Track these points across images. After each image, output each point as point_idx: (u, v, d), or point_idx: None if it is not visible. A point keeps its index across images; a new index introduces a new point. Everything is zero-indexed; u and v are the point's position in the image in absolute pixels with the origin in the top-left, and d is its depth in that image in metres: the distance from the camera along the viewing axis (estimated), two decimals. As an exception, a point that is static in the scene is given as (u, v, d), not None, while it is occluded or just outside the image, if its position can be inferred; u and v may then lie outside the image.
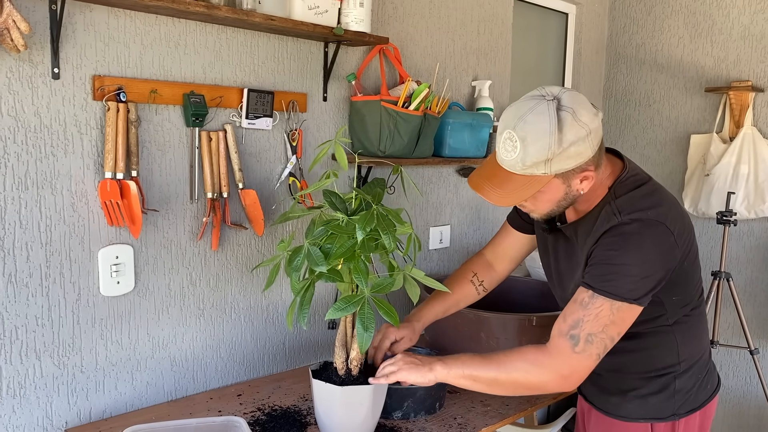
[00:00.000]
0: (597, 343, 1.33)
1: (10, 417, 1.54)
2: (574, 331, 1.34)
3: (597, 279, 1.34)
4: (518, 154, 1.28)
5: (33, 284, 1.54)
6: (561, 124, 1.26)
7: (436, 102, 2.17)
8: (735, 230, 3.05)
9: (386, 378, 1.48)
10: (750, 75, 2.97)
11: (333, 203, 1.48)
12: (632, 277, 1.32)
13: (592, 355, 1.33)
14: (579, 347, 1.33)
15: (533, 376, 1.38)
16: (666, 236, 1.34)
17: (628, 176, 1.43)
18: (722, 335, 3.08)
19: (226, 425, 1.51)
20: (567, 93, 1.30)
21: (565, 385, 1.37)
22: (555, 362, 1.36)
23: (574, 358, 1.33)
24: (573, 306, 1.37)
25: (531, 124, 1.26)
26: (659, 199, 1.40)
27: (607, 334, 1.33)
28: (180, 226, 1.78)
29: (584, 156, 1.30)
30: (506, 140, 1.30)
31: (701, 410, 1.53)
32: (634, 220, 1.35)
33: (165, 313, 1.79)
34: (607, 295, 1.32)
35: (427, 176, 2.48)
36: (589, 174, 1.34)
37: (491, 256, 1.82)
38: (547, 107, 1.26)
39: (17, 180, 1.48)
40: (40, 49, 1.48)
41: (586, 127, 1.27)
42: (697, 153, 3.08)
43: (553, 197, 1.37)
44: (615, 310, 1.32)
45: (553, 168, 1.29)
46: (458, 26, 2.52)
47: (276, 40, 1.92)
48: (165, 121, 1.71)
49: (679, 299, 1.45)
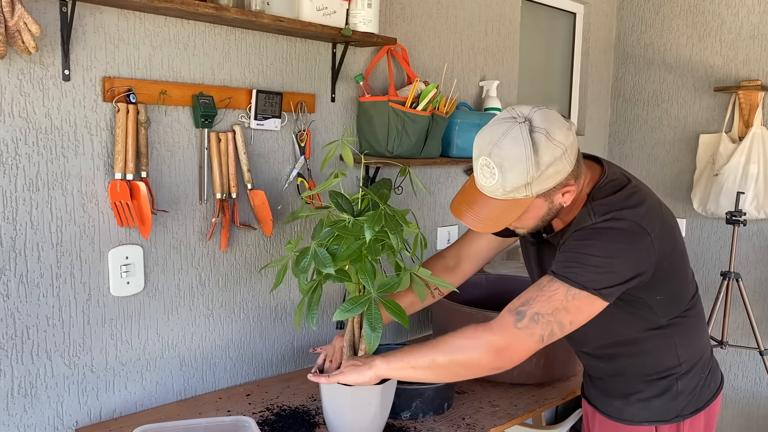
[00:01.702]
0: (543, 324, 1.29)
1: (21, 416, 1.55)
2: (522, 308, 1.31)
3: (559, 265, 1.33)
4: (497, 181, 1.27)
5: (44, 284, 1.55)
6: (536, 146, 1.25)
7: (444, 102, 2.17)
8: (744, 230, 3.03)
9: (326, 378, 1.46)
10: (759, 74, 2.96)
11: (339, 204, 1.49)
12: (595, 267, 1.29)
13: (534, 334, 1.29)
14: (522, 323, 1.29)
15: (468, 352, 1.33)
16: (639, 236, 1.32)
17: (606, 181, 1.40)
18: (732, 336, 3.06)
19: (235, 425, 1.52)
20: (538, 113, 1.28)
21: (498, 361, 1.32)
22: (491, 336, 1.31)
23: (514, 333, 1.29)
24: (530, 288, 1.35)
25: (506, 150, 1.25)
26: (637, 201, 1.38)
27: (556, 318, 1.29)
28: (189, 226, 1.79)
29: (563, 173, 1.29)
30: (483, 167, 1.29)
31: (706, 410, 1.52)
32: (608, 219, 1.33)
33: (174, 313, 1.79)
34: (565, 280, 1.30)
35: (434, 176, 2.48)
36: (570, 188, 1.34)
37: (453, 260, 1.76)
38: (520, 131, 1.25)
39: (28, 181, 1.50)
40: (50, 51, 1.49)
41: (561, 146, 1.27)
42: (706, 153, 3.07)
43: (537, 215, 1.37)
44: (570, 296, 1.29)
45: (534, 190, 1.29)
46: (466, 26, 2.52)
47: (284, 41, 1.93)
48: (174, 122, 1.72)
49: (665, 299, 1.43)
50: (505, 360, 1.32)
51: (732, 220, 2.77)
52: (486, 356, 1.32)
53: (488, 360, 1.32)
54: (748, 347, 2.90)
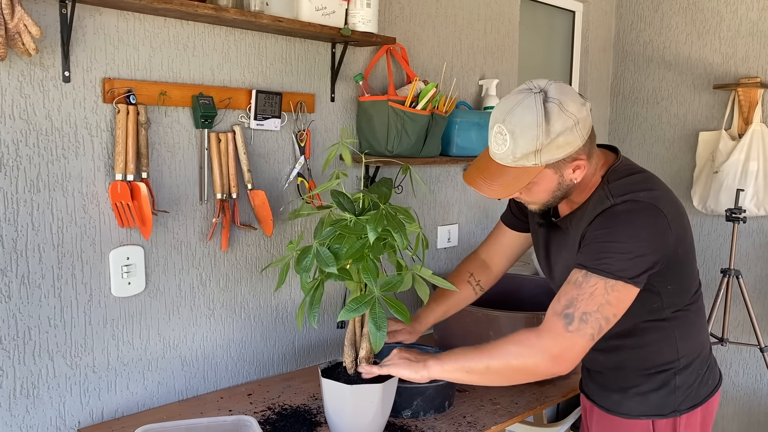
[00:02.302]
0: (592, 323, 1.30)
1: (24, 417, 1.56)
2: (569, 310, 1.32)
3: (590, 258, 1.34)
4: (508, 147, 1.31)
5: (45, 285, 1.55)
6: (548, 115, 1.28)
7: (444, 101, 2.17)
8: (744, 227, 3.04)
9: (379, 369, 1.49)
10: (759, 71, 2.96)
11: (341, 203, 1.49)
12: (625, 255, 1.31)
13: (586, 334, 1.31)
14: (573, 326, 1.30)
15: (524, 359, 1.34)
16: (659, 218, 1.34)
17: (621, 165, 1.45)
18: (732, 333, 3.07)
19: (236, 424, 1.52)
20: (553, 85, 1.32)
21: (556, 367, 1.33)
22: (546, 342, 1.32)
23: (567, 337, 1.31)
24: (567, 287, 1.35)
25: (519, 116, 1.29)
26: (652, 185, 1.41)
27: (602, 314, 1.31)
28: (190, 226, 1.79)
29: (574, 145, 1.32)
30: (497, 134, 1.34)
31: (703, 406, 1.53)
32: (627, 201, 1.36)
33: (175, 313, 1.80)
34: (601, 273, 1.31)
35: (434, 175, 2.49)
36: (581, 163, 1.36)
37: (486, 256, 1.83)
38: (534, 100, 1.29)
39: (29, 182, 1.50)
40: (50, 52, 1.49)
41: (573, 117, 1.30)
42: (705, 150, 3.07)
43: (546, 187, 1.39)
44: (609, 288, 1.31)
45: (543, 158, 1.31)
46: (465, 25, 2.52)
47: (284, 41, 1.93)
48: (174, 122, 1.72)
49: (674, 289, 1.44)
50: (563, 365, 1.33)
51: (732, 217, 2.77)
52: (543, 363, 1.33)
53: (545, 366, 1.34)
54: (749, 344, 2.90)
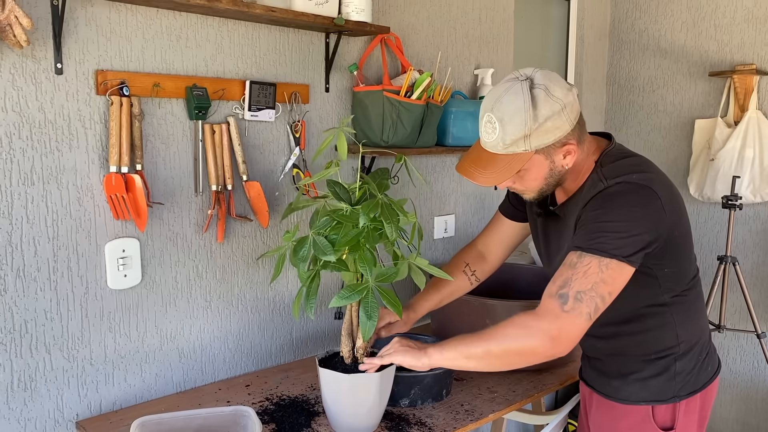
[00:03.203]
0: (587, 301, 1.31)
1: (22, 410, 1.56)
2: (563, 291, 1.32)
3: (584, 239, 1.35)
4: (498, 135, 1.34)
5: (41, 278, 1.55)
6: (535, 100, 1.31)
7: (439, 91, 2.17)
8: (741, 214, 3.04)
9: (380, 359, 1.49)
10: (754, 58, 2.96)
11: (337, 193, 1.49)
12: (619, 233, 1.32)
13: (582, 313, 1.31)
14: (568, 305, 1.31)
15: (522, 341, 1.35)
16: (652, 198, 1.35)
17: (614, 149, 1.46)
18: (729, 319, 3.07)
19: (234, 415, 1.53)
20: (539, 72, 1.35)
21: (555, 348, 1.33)
22: (543, 324, 1.33)
23: (563, 317, 1.31)
24: (562, 269, 1.36)
25: (506, 104, 1.32)
26: (646, 168, 1.42)
27: (597, 292, 1.31)
28: (185, 218, 1.79)
29: (562, 130, 1.34)
30: (486, 123, 1.36)
31: (702, 392, 1.54)
32: (620, 182, 1.37)
33: (172, 305, 1.80)
34: (594, 252, 1.32)
35: (431, 166, 2.48)
36: (570, 148, 1.38)
37: (483, 247, 1.83)
38: (521, 87, 1.33)
39: (23, 175, 1.50)
40: (42, 44, 1.49)
41: (560, 102, 1.33)
42: (701, 138, 3.07)
43: (538, 174, 1.40)
44: (604, 267, 1.31)
45: (532, 144, 1.33)
46: (459, 14, 2.52)
47: (277, 31, 1.92)
48: (168, 114, 1.72)
49: (671, 272, 1.45)
50: (562, 345, 1.34)
51: (728, 204, 2.77)
52: (542, 344, 1.33)
53: (545, 348, 1.34)
54: (746, 330, 2.91)
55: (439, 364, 1.46)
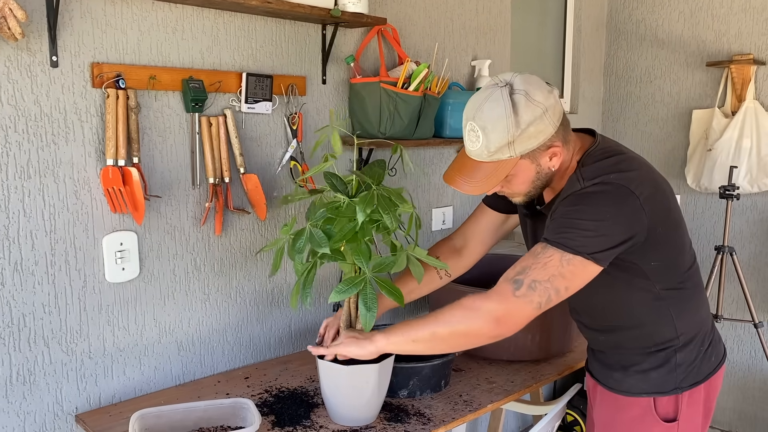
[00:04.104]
0: (540, 291, 1.31)
1: (21, 403, 1.56)
2: (519, 277, 1.33)
3: (551, 232, 1.35)
4: (482, 143, 1.33)
5: (39, 272, 1.55)
6: (516, 107, 1.30)
7: (436, 82, 2.16)
8: (738, 204, 3.05)
9: (326, 350, 1.50)
10: (752, 48, 2.95)
11: (334, 185, 1.49)
12: (586, 231, 1.32)
13: (533, 301, 1.32)
14: (520, 291, 1.32)
15: (468, 323, 1.36)
16: (629, 198, 1.33)
17: (597, 149, 1.44)
18: (726, 309, 3.09)
19: (234, 407, 1.53)
20: (519, 77, 1.34)
21: (498, 329, 1.35)
22: (491, 305, 1.34)
23: (512, 301, 1.32)
24: (525, 256, 1.37)
25: (487, 111, 1.32)
26: (627, 166, 1.40)
27: (552, 285, 1.31)
28: (183, 211, 1.79)
29: (546, 133, 1.34)
30: (470, 132, 1.36)
31: (706, 383, 1.52)
32: (596, 184, 1.36)
33: (171, 298, 1.80)
34: (558, 246, 1.32)
35: (428, 157, 2.48)
36: (556, 150, 1.37)
37: (460, 242, 1.79)
38: (501, 94, 1.32)
39: (19, 169, 1.49)
40: (37, 37, 1.48)
41: (541, 106, 1.32)
42: (699, 128, 3.07)
43: (525, 178, 1.40)
44: (565, 262, 1.31)
45: (517, 150, 1.33)
46: (456, 5, 2.51)
47: (273, 23, 1.92)
48: (165, 107, 1.71)
49: (659, 266, 1.43)
50: (505, 327, 1.35)
51: (725, 194, 2.78)
52: (486, 325, 1.35)
53: (489, 329, 1.35)
54: (743, 320, 2.92)
55: (385, 349, 1.44)
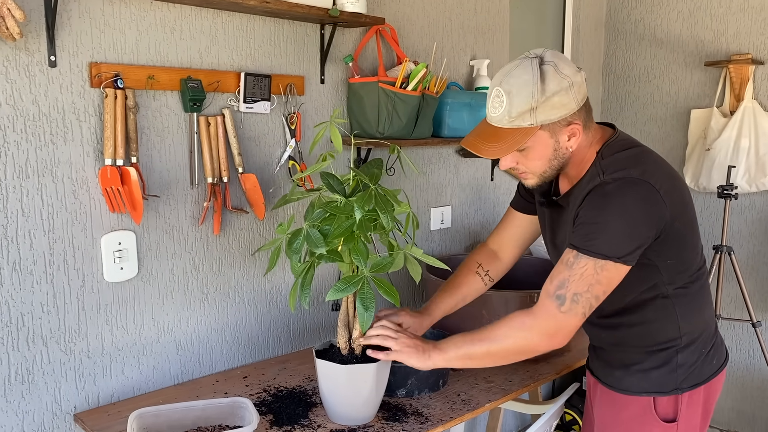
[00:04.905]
0: (582, 303, 1.36)
1: (20, 402, 1.56)
2: (560, 291, 1.37)
3: (580, 238, 1.37)
4: (505, 108, 1.36)
5: (37, 271, 1.55)
6: (543, 75, 1.34)
7: (434, 82, 2.16)
8: (736, 204, 3.05)
9: (386, 355, 1.50)
10: (750, 48, 2.95)
11: (331, 185, 1.49)
12: (615, 235, 1.34)
13: (578, 314, 1.37)
14: (565, 307, 1.36)
15: (521, 341, 1.42)
16: (650, 193, 1.35)
17: (616, 140, 1.46)
18: (725, 309, 3.09)
19: (232, 406, 1.53)
20: (549, 51, 1.38)
21: (552, 344, 1.41)
22: (540, 323, 1.39)
23: (560, 317, 1.37)
24: (559, 267, 1.39)
25: (515, 77, 1.35)
26: (645, 160, 1.42)
27: (592, 293, 1.35)
28: (181, 211, 1.79)
29: (568, 108, 1.36)
30: (494, 98, 1.38)
31: (706, 385, 1.52)
32: (616, 179, 1.37)
33: (169, 297, 1.80)
34: (591, 254, 1.34)
35: (426, 157, 2.48)
36: (575, 128, 1.39)
37: (495, 245, 1.82)
38: (531, 63, 1.35)
39: (18, 168, 1.49)
40: (36, 37, 1.48)
41: (568, 79, 1.35)
42: (697, 128, 3.07)
43: (542, 153, 1.41)
44: (599, 269, 1.34)
45: (538, 118, 1.35)
46: (455, 5, 2.51)
47: (272, 23, 1.92)
48: (163, 106, 1.71)
49: (674, 264, 1.45)
50: (557, 340, 1.41)
51: (724, 194, 2.78)
52: (541, 341, 1.41)
53: (543, 345, 1.42)
54: (742, 320, 2.92)
55: (442, 365, 1.49)
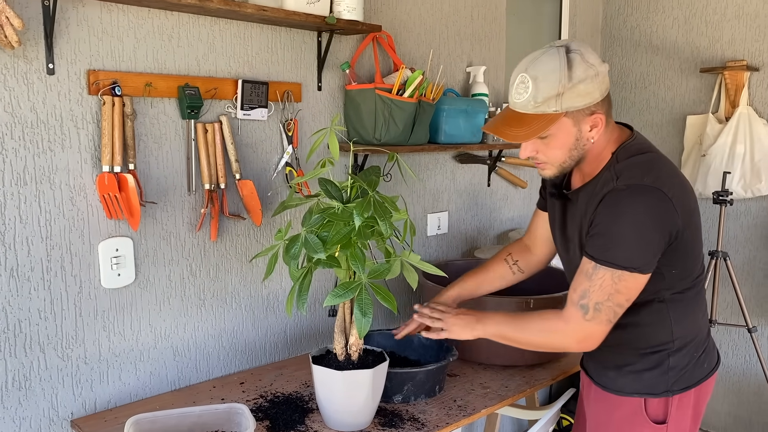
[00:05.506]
0: (605, 311, 1.40)
1: (17, 409, 1.57)
2: (583, 301, 1.41)
3: (597, 249, 1.40)
4: (530, 93, 1.38)
5: (35, 278, 1.56)
6: (570, 62, 1.36)
7: (431, 89, 2.17)
8: (732, 210, 3.06)
9: (437, 334, 1.61)
10: (745, 54, 2.97)
11: (329, 191, 1.50)
12: (629, 246, 1.37)
13: (603, 321, 1.41)
14: (589, 315, 1.41)
15: (556, 342, 1.52)
16: (662, 201, 1.38)
17: (632, 143, 1.48)
18: (721, 314, 3.10)
19: (228, 412, 1.54)
20: (575, 42, 1.43)
21: (583, 347, 1.48)
22: (570, 328, 1.45)
23: (586, 325, 1.42)
24: (580, 277, 1.44)
25: (542, 64, 1.38)
26: (659, 167, 1.44)
27: (614, 302, 1.40)
28: (178, 217, 1.80)
29: (592, 97, 1.38)
30: (519, 84, 1.40)
31: (696, 388, 1.54)
32: (629, 186, 1.40)
33: (166, 304, 1.81)
34: (608, 265, 1.38)
35: (423, 163, 2.49)
36: (598, 118, 1.42)
37: (529, 242, 1.88)
38: (557, 51, 1.39)
39: (16, 175, 1.50)
40: (34, 45, 1.49)
41: (594, 68, 1.38)
42: (693, 134, 3.09)
43: (564, 141, 1.43)
44: (616, 279, 1.38)
45: (564, 104, 1.37)
46: (451, 12, 2.52)
47: (269, 30, 1.93)
48: (161, 113, 1.72)
49: (677, 273, 1.47)
50: (586, 345, 1.47)
51: (719, 199, 2.79)
52: (571, 344, 1.49)
53: (574, 347, 1.50)
54: (737, 325, 2.93)
55: (482, 335, 1.57)
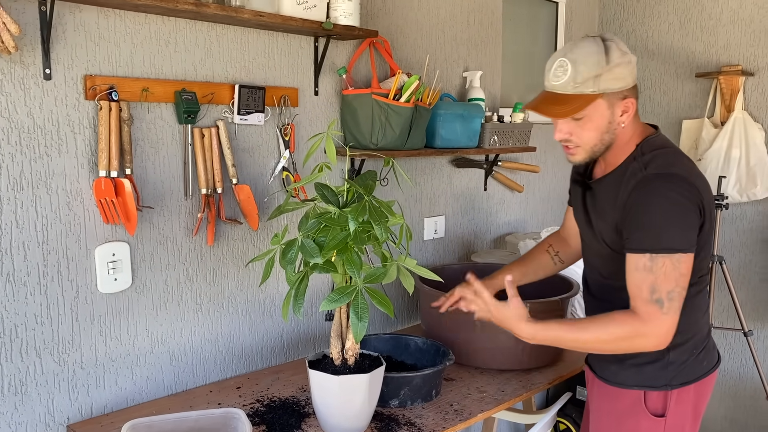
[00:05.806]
0: (677, 298, 1.42)
1: (13, 414, 1.56)
2: (656, 296, 1.42)
3: (648, 241, 1.43)
4: (569, 75, 1.45)
5: (31, 283, 1.56)
6: (608, 48, 1.45)
7: (427, 93, 2.18)
8: (728, 214, 3.07)
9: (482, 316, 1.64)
10: (740, 59, 2.99)
11: (325, 196, 1.50)
12: (676, 228, 1.42)
13: (677, 310, 1.43)
14: (665, 307, 1.42)
15: (636, 345, 1.47)
16: (691, 188, 1.44)
17: (657, 138, 1.54)
18: (717, 318, 3.11)
19: (225, 417, 1.54)
20: (608, 33, 1.51)
21: (665, 342, 1.46)
22: (652, 328, 1.44)
23: (665, 319, 1.43)
24: (639, 274, 1.44)
25: (581, 48, 1.46)
26: (682, 161, 1.51)
27: (681, 286, 1.42)
28: (175, 222, 1.80)
29: (626, 81, 1.47)
30: (557, 68, 1.48)
31: (695, 384, 1.57)
32: (660, 174, 1.45)
33: (163, 308, 1.81)
34: (664, 252, 1.41)
35: (420, 167, 2.50)
36: (629, 103, 1.49)
37: (565, 234, 1.93)
38: (594, 39, 1.47)
39: (12, 180, 1.50)
40: (31, 50, 1.49)
41: (627, 56, 1.47)
42: (688, 138, 3.10)
43: (598, 124, 1.49)
44: (676, 262, 1.41)
45: (601, 85, 1.45)
46: (448, 18, 2.53)
47: (266, 35, 1.94)
48: (157, 118, 1.73)
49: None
50: (669, 339, 1.46)
51: (715, 204, 2.79)
52: (658, 342, 1.45)
53: (659, 344, 1.45)
54: (733, 329, 2.94)
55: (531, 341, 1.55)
